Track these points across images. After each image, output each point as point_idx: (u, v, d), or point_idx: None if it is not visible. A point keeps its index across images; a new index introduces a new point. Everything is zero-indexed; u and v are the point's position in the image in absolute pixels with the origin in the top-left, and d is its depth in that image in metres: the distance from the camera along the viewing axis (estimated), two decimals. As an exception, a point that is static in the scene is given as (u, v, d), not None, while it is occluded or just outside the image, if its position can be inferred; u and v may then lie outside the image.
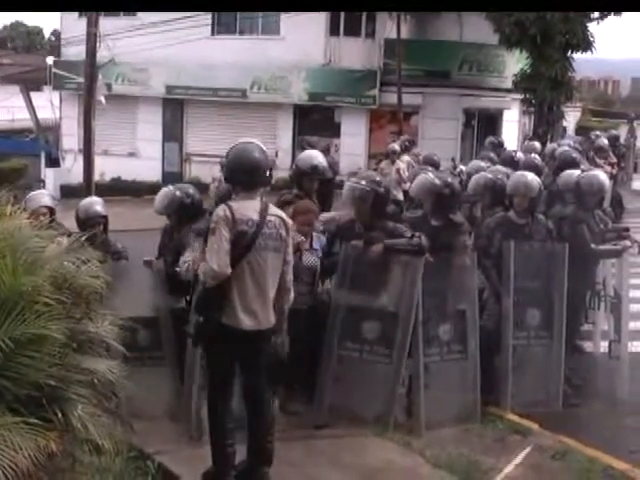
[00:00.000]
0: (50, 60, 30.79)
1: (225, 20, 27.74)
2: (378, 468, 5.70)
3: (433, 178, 7.07)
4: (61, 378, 4.00)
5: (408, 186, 9.35)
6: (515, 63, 24.70)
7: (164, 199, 6.82)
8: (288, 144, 27.16)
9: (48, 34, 64.43)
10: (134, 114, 29.27)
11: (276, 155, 26.32)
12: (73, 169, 26.35)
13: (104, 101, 18.83)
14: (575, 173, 8.33)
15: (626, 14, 23.41)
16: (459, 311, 6.62)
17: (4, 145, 31.01)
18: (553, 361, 7.02)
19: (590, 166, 10.65)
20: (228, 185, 5.88)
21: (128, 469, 5.26)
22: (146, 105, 28.85)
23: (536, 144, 14.40)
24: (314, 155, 7.52)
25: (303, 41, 25.26)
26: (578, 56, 23.78)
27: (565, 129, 29.03)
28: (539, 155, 11.60)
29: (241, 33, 27.95)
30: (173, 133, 29.17)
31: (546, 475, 5.73)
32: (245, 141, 5.28)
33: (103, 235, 6.81)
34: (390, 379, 6.34)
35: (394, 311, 6.38)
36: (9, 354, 3.79)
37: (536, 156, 11.05)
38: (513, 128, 27.01)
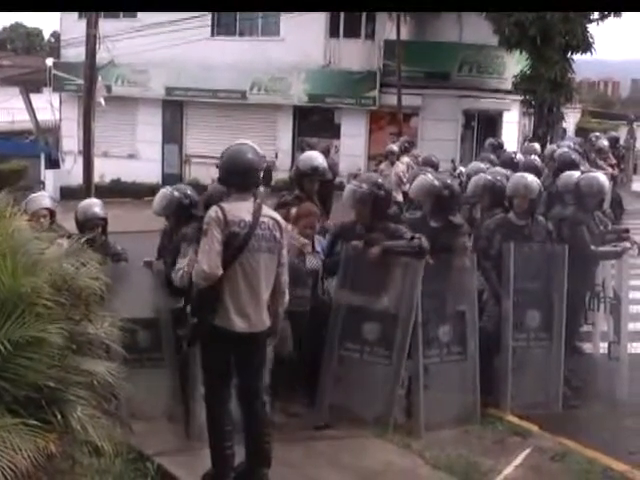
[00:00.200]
0: (50, 62, 30.81)
1: (225, 21, 27.75)
2: (377, 469, 5.69)
3: (432, 179, 7.07)
4: (60, 380, 4.00)
5: (407, 187, 9.36)
6: (515, 64, 24.69)
7: (162, 200, 6.82)
8: (288, 145, 27.19)
9: (48, 35, 64.61)
10: (134, 116, 29.30)
11: (276, 156, 26.36)
12: (73, 171, 26.36)
13: (104, 103, 18.81)
14: (575, 174, 8.32)
15: (626, 15, 23.45)
16: (459, 312, 6.61)
17: (4, 147, 31.01)
18: (553, 362, 7.01)
19: (590, 167, 10.65)
20: (215, 187, 5.89)
21: (127, 471, 5.26)
22: (146, 107, 28.87)
23: (536, 145, 14.40)
24: (314, 156, 7.52)
25: (303, 42, 25.27)
26: (578, 57, 23.78)
27: (565, 130, 29.02)
28: (539, 156, 11.59)
29: (241, 34, 27.97)
30: (173, 135, 29.18)
31: (546, 477, 5.72)
32: (240, 142, 5.27)
33: (102, 237, 6.81)
34: (390, 380, 6.34)
35: (394, 312, 6.36)
36: (8, 356, 3.79)
37: (536, 157, 11.04)
38: (513, 129, 27.01)
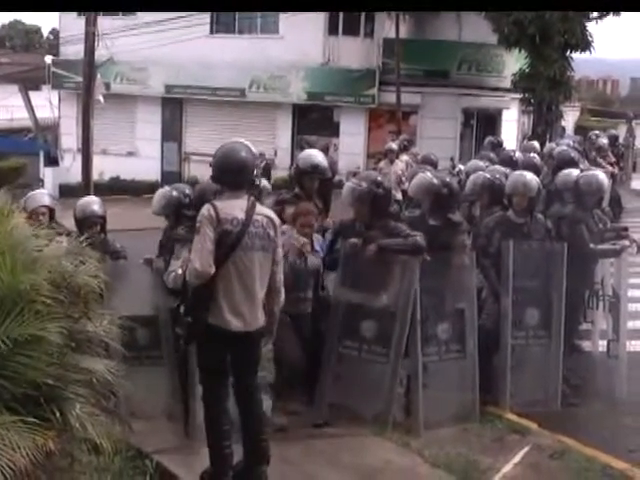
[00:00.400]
0: (49, 59, 30.81)
1: (224, 19, 27.74)
2: (376, 467, 5.69)
3: (431, 178, 7.06)
4: (59, 377, 4.00)
5: (407, 186, 9.35)
6: (514, 63, 24.71)
7: (161, 200, 6.79)
8: (287, 143, 27.18)
9: (47, 33, 64.48)
10: (133, 113, 29.30)
11: (275, 154, 26.37)
12: (72, 168, 26.35)
13: (103, 100, 18.81)
14: (574, 172, 8.32)
15: (625, 13, 23.47)
16: (458, 310, 6.60)
17: (3, 144, 30.97)
18: (552, 360, 7.01)
19: (590, 166, 10.65)
20: (207, 184, 5.88)
21: (126, 468, 5.27)
22: (145, 104, 28.86)
23: (535, 144, 14.39)
24: (314, 154, 7.52)
25: (302, 40, 25.26)
26: (577, 56, 23.79)
27: (564, 129, 29.02)
28: (538, 155, 11.58)
29: (240, 32, 27.96)
30: (172, 132, 29.17)
31: (545, 474, 5.72)
32: (233, 141, 5.25)
33: (101, 235, 6.80)
34: (388, 378, 6.33)
35: (391, 310, 6.35)
36: (7, 353, 3.79)
37: (535, 155, 11.04)
38: (512, 128, 27.01)
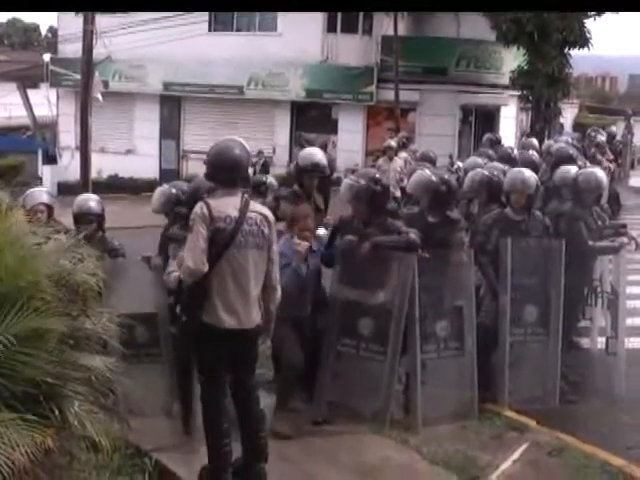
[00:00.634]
0: (47, 57, 30.82)
1: (222, 17, 27.73)
2: (375, 465, 5.69)
3: (430, 175, 7.05)
4: (58, 375, 4.00)
5: (405, 183, 9.36)
6: (512, 60, 24.72)
7: (161, 197, 6.75)
8: (285, 141, 27.18)
9: (45, 31, 64.41)
10: (131, 111, 29.30)
11: (273, 152, 26.37)
12: (70, 166, 26.34)
13: (101, 98, 18.79)
14: (572, 169, 8.33)
15: (623, 11, 23.43)
16: (456, 308, 6.60)
17: (1, 142, 30.98)
18: (550, 358, 7.01)
19: (589, 163, 10.65)
20: (200, 181, 5.87)
21: (125, 466, 5.27)
22: (143, 102, 28.86)
23: (533, 141, 14.38)
24: (314, 152, 7.54)
25: (300, 38, 25.26)
26: (575, 53, 23.84)
27: (562, 126, 29.02)
28: (536, 152, 11.58)
29: (238, 30, 27.94)
30: (170, 130, 29.16)
31: (543, 471, 5.73)
32: (227, 138, 5.24)
33: (99, 232, 6.78)
34: (385, 376, 6.33)
35: (387, 308, 6.35)
36: (6, 351, 3.79)
37: (534, 152, 11.04)
38: (510, 125, 27.02)
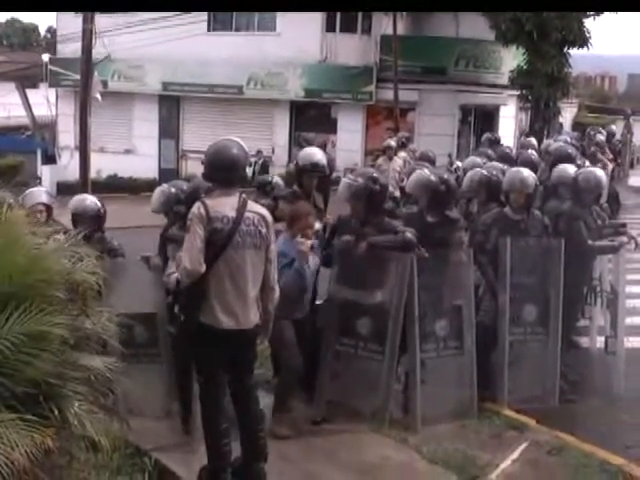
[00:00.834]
0: (46, 57, 30.82)
1: (221, 16, 27.72)
2: (374, 464, 5.70)
3: (429, 174, 7.05)
4: (58, 375, 4.00)
5: (405, 182, 9.35)
6: (511, 59, 24.71)
7: (160, 197, 6.72)
8: (285, 140, 27.17)
9: (44, 31, 64.36)
10: (130, 111, 29.29)
11: (272, 152, 26.38)
12: (69, 166, 26.33)
13: (100, 98, 18.75)
14: (569, 167, 8.35)
15: (622, 10, 23.44)
16: (455, 307, 6.60)
17: (0, 142, 30.99)
18: (549, 357, 7.01)
19: (588, 162, 10.66)
20: (199, 181, 5.87)
21: (125, 466, 5.27)
22: (142, 102, 28.85)
23: (532, 140, 14.40)
24: (314, 152, 7.52)
25: (299, 37, 25.25)
26: (574, 52, 23.83)
27: (561, 125, 29.01)
28: (536, 151, 11.59)
29: (237, 29, 27.94)
30: (169, 130, 29.15)
31: (542, 470, 5.73)
32: (225, 138, 5.23)
33: (98, 232, 6.76)
34: (384, 375, 6.34)
35: (385, 307, 6.36)
36: (7, 351, 3.79)
37: (533, 152, 11.04)
38: (510, 124, 27.00)
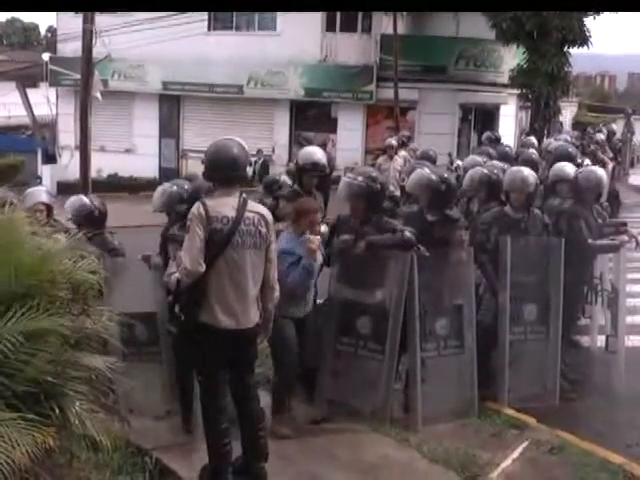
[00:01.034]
0: (46, 57, 30.81)
1: (221, 16, 27.71)
2: (375, 463, 5.70)
3: (429, 173, 7.04)
4: (59, 374, 4.01)
5: (405, 181, 9.35)
6: (512, 58, 24.69)
7: (162, 196, 6.68)
8: (285, 140, 27.16)
9: (44, 30, 64.43)
10: (130, 110, 29.29)
11: (273, 151, 26.37)
12: (70, 165, 26.33)
13: (100, 97, 18.73)
14: (567, 165, 8.36)
15: (622, 9, 23.44)
16: (456, 306, 6.59)
17: (1, 141, 31.02)
18: (550, 356, 7.01)
19: (589, 160, 10.67)
20: (201, 182, 5.86)
21: (126, 465, 5.27)
22: (142, 101, 28.84)
23: (532, 139, 14.41)
24: (315, 152, 7.50)
25: (299, 37, 25.24)
26: (574, 51, 23.82)
27: (562, 124, 29.01)
28: (536, 150, 11.60)
29: (237, 29, 27.93)
30: (170, 129, 29.14)
31: (543, 469, 5.73)
32: (225, 138, 5.21)
33: (99, 232, 6.74)
34: (384, 374, 6.34)
35: (385, 306, 6.36)
36: (7, 350, 3.79)
37: (533, 151, 11.05)
38: (510, 123, 26.98)
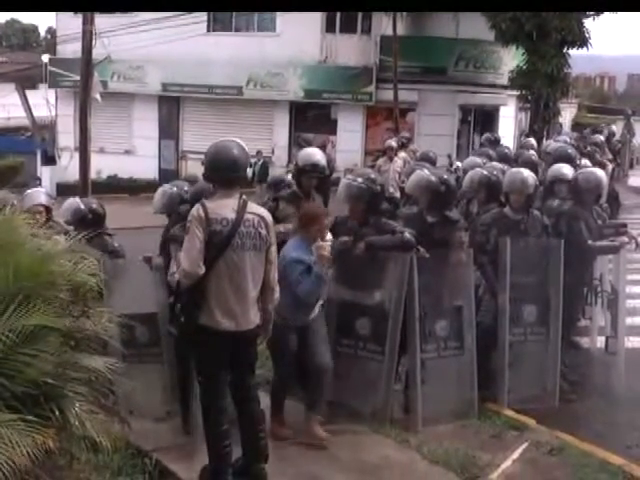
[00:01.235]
0: (46, 58, 30.83)
1: (221, 17, 27.73)
2: (375, 464, 5.70)
3: (429, 175, 7.03)
4: (59, 375, 4.01)
5: (404, 183, 9.35)
6: (511, 59, 24.71)
7: (163, 198, 6.66)
8: (284, 141, 27.18)
9: (43, 32, 64.49)
10: (130, 112, 29.32)
11: (272, 152, 26.37)
12: (69, 167, 26.33)
13: (100, 99, 18.73)
14: (564, 166, 8.38)
15: (622, 10, 23.44)
16: (456, 307, 6.60)
17: (0, 143, 30.99)
18: (550, 357, 7.01)
19: (588, 161, 10.67)
20: (202, 185, 5.86)
21: (125, 466, 5.27)
22: (142, 102, 28.86)
23: (532, 140, 14.42)
24: (314, 153, 7.48)
25: (299, 38, 25.25)
26: (574, 52, 23.82)
27: (561, 125, 29.02)
28: (535, 151, 11.61)
29: (237, 30, 27.95)
30: (169, 130, 29.16)
31: (543, 470, 5.73)
32: (225, 139, 5.21)
33: (99, 234, 6.72)
34: (383, 375, 6.34)
35: (384, 307, 6.37)
36: (6, 351, 3.80)
37: (533, 152, 11.06)
38: (509, 124, 27.00)
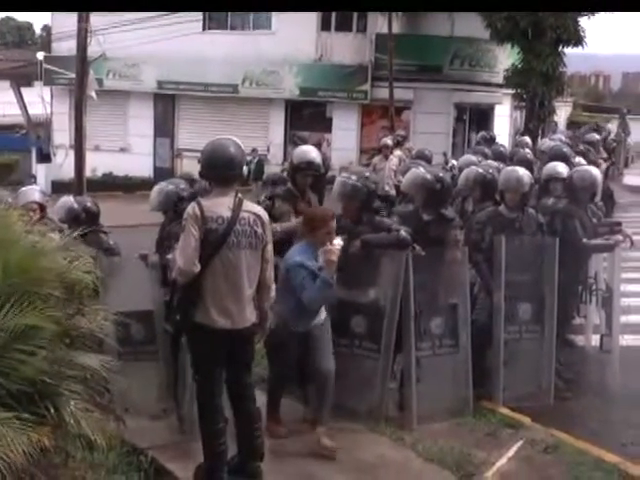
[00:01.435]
0: (41, 55, 30.78)
1: (216, 15, 27.68)
2: (370, 462, 5.70)
3: (424, 173, 7.04)
4: (54, 373, 4.00)
5: (400, 181, 9.36)
6: (506, 58, 24.75)
7: (159, 196, 6.67)
8: (280, 139, 27.18)
9: (39, 29, 64.30)
10: (125, 109, 29.28)
11: (268, 150, 26.37)
12: (64, 165, 26.27)
13: (95, 96, 18.72)
14: (559, 164, 8.39)
15: (617, 9, 23.48)
16: (451, 305, 6.60)
17: (-5, 141, 30.97)
18: (545, 355, 7.02)
19: (583, 159, 10.68)
20: (202, 185, 5.86)
21: (121, 464, 5.26)
22: (137, 100, 28.83)
23: (527, 139, 14.43)
24: (309, 151, 7.46)
25: (294, 36, 25.24)
26: (569, 51, 23.86)
27: (556, 124, 29.06)
28: (530, 150, 11.62)
29: (232, 28, 27.93)
30: (164, 128, 29.13)
31: (538, 468, 5.74)
32: (221, 137, 5.20)
33: (93, 231, 6.72)
34: (379, 373, 6.35)
35: (380, 305, 6.37)
36: (2, 349, 3.79)
37: (528, 151, 11.07)
38: (505, 123, 27.04)
